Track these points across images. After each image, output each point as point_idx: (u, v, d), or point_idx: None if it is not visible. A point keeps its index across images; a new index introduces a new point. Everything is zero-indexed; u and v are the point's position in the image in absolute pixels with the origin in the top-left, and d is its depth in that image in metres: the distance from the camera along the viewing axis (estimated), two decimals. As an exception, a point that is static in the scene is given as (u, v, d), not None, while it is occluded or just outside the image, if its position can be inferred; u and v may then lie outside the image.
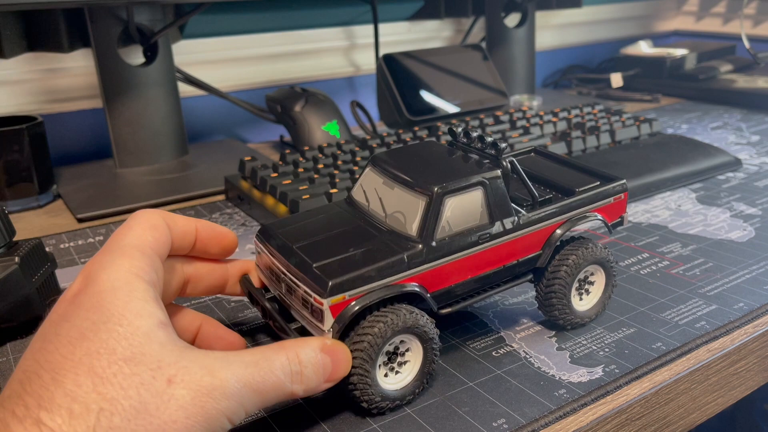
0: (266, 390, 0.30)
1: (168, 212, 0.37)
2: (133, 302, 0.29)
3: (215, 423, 0.28)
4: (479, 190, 0.38)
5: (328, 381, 0.33)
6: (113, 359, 0.27)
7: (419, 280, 0.36)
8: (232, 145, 0.90)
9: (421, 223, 0.36)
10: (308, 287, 0.34)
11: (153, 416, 0.26)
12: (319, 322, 0.34)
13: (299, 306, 0.36)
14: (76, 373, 0.26)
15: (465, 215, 0.37)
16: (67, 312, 0.29)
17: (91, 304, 0.29)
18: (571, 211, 0.42)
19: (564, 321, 0.43)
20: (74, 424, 0.25)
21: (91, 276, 0.30)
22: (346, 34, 1.04)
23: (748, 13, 1.32)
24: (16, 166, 0.67)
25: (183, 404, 0.27)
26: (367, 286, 0.34)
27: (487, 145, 0.40)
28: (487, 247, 0.38)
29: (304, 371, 0.32)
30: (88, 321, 0.28)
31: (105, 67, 0.74)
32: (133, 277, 0.30)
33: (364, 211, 0.40)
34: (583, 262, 0.41)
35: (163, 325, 0.29)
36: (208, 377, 0.28)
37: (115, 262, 0.31)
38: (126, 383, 0.27)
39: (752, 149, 0.81)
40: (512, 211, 0.39)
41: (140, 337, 0.28)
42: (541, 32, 1.24)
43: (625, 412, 0.37)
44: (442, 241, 0.37)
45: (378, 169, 0.40)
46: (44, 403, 0.26)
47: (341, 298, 0.34)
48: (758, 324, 0.44)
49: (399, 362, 0.36)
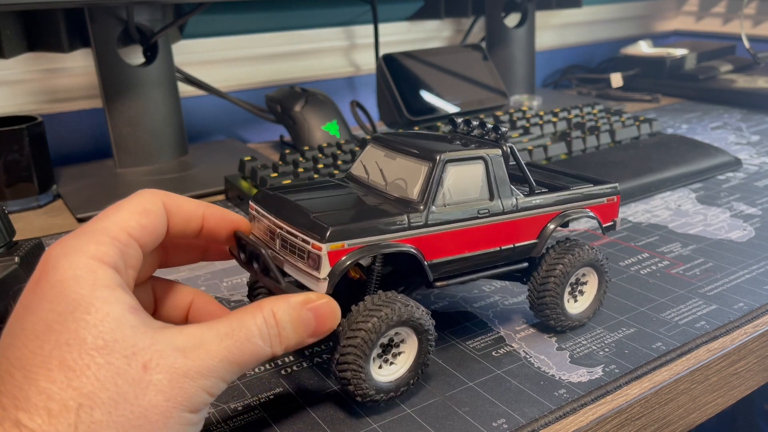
0: (244, 359, 0.30)
1: (173, 194, 0.35)
2: (98, 289, 0.28)
3: (195, 400, 0.28)
4: (480, 164, 0.38)
5: (312, 336, 0.32)
6: (84, 350, 0.26)
7: (417, 245, 0.36)
8: (232, 145, 0.90)
9: (422, 187, 0.37)
10: (306, 234, 0.34)
11: (133, 404, 0.26)
12: (315, 270, 0.33)
13: (294, 259, 0.35)
14: (47, 368, 0.26)
15: (466, 187, 0.38)
16: (30, 304, 0.28)
17: (54, 294, 0.27)
18: (566, 203, 0.42)
19: (560, 326, 0.43)
20: (54, 423, 0.25)
21: (51, 263, 0.28)
22: (346, 34, 1.04)
23: (748, 13, 1.32)
24: (16, 166, 0.67)
25: (161, 388, 0.27)
26: (367, 238, 0.34)
27: (487, 130, 0.41)
28: (486, 223, 0.39)
29: (282, 332, 0.31)
30: (53, 312, 0.27)
31: (105, 67, 0.74)
32: (96, 263, 0.29)
33: (364, 183, 0.40)
34: (571, 269, 0.41)
35: (133, 309, 0.28)
36: (182, 359, 0.28)
37: (78, 248, 0.29)
38: (101, 375, 0.26)
39: (752, 149, 0.81)
40: (511, 192, 0.40)
41: (110, 323, 0.27)
42: (541, 32, 1.24)
43: (625, 412, 0.37)
44: (443, 208, 0.37)
45: (379, 145, 0.40)
46: (20, 403, 0.25)
47: (340, 245, 0.33)
48: (758, 324, 0.44)
49: (393, 353, 0.36)
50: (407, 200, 0.37)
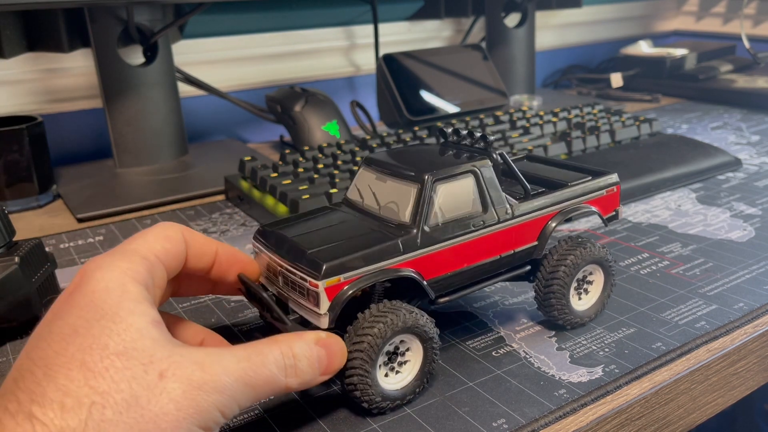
0: (259, 384, 0.30)
1: (191, 229, 0.37)
2: (125, 302, 0.29)
3: (207, 416, 0.28)
4: (470, 178, 0.38)
5: (324, 374, 0.33)
6: (105, 354, 0.27)
7: (415, 267, 0.36)
8: (232, 145, 0.90)
9: (413, 209, 0.37)
10: (303, 272, 0.34)
11: (144, 409, 0.27)
12: (315, 306, 0.34)
13: (296, 296, 0.36)
14: (68, 368, 0.27)
15: (457, 202, 0.38)
16: (61, 310, 0.29)
17: (84, 302, 0.29)
18: (563, 202, 0.42)
19: (564, 321, 0.43)
20: (66, 417, 0.26)
21: (87, 275, 0.30)
22: (346, 34, 1.04)
23: (748, 13, 1.32)
24: (16, 166, 0.67)
25: (174, 397, 0.27)
26: (362, 269, 0.35)
27: (476, 139, 0.41)
28: (482, 234, 0.39)
29: (298, 365, 0.32)
30: (81, 319, 0.28)
31: (105, 67, 0.74)
32: (127, 279, 0.31)
33: (359, 208, 0.40)
34: (581, 262, 0.42)
35: (156, 323, 0.30)
36: (199, 371, 0.28)
37: (113, 264, 0.31)
38: (118, 377, 0.27)
39: (752, 149, 0.81)
40: (505, 200, 0.40)
41: (133, 333, 0.28)
42: (541, 32, 1.24)
43: (625, 412, 0.37)
44: (436, 227, 0.37)
45: (370, 167, 0.41)
46: (36, 397, 0.26)
47: (336, 280, 0.34)
48: (758, 324, 0.44)
49: (399, 362, 0.36)
50: (400, 224, 0.37)
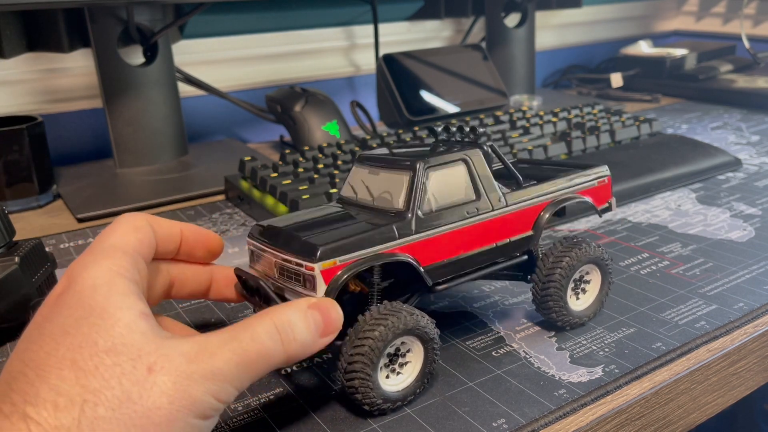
0: (251, 360, 0.30)
1: (152, 215, 0.37)
2: (113, 297, 0.30)
3: (202, 405, 0.28)
4: (462, 166, 0.39)
5: (323, 335, 0.33)
6: (94, 351, 0.28)
7: (411, 252, 0.37)
8: (232, 145, 0.90)
9: (407, 195, 0.37)
10: (299, 257, 0.34)
11: (137, 404, 0.27)
12: (312, 291, 0.34)
13: (293, 284, 0.36)
14: (59, 368, 0.27)
15: (450, 190, 0.39)
16: (50, 312, 0.30)
17: (73, 302, 0.29)
18: (555, 192, 0.42)
19: (562, 322, 0.43)
20: (60, 416, 0.26)
21: (73, 277, 0.31)
22: (346, 34, 1.04)
23: (748, 13, 1.32)
24: (16, 166, 0.67)
25: (165, 390, 0.27)
26: (357, 252, 0.35)
27: (466, 133, 0.42)
28: (476, 221, 0.39)
29: (294, 330, 0.32)
30: (70, 318, 0.29)
31: (105, 67, 0.74)
32: (113, 275, 0.31)
33: (353, 203, 0.41)
34: (577, 263, 0.42)
35: (145, 315, 0.30)
36: (186, 363, 0.28)
37: (97, 262, 0.31)
38: (108, 374, 0.27)
39: (752, 149, 0.81)
40: (497, 188, 0.40)
41: (121, 328, 0.28)
42: (541, 32, 1.24)
43: (625, 412, 0.37)
44: (430, 213, 0.37)
45: (363, 164, 0.41)
46: (29, 398, 0.26)
47: (332, 263, 0.34)
48: (758, 324, 0.44)
49: (400, 363, 0.36)
50: (394, 211, 0.37)
